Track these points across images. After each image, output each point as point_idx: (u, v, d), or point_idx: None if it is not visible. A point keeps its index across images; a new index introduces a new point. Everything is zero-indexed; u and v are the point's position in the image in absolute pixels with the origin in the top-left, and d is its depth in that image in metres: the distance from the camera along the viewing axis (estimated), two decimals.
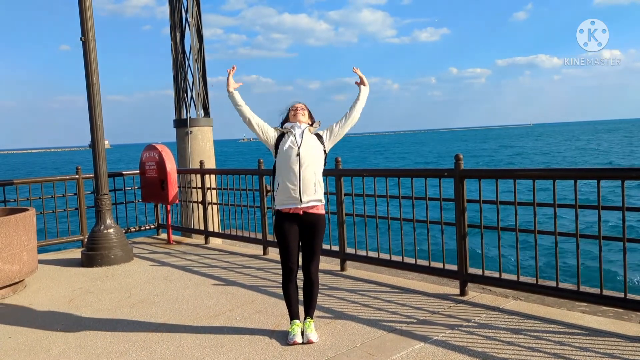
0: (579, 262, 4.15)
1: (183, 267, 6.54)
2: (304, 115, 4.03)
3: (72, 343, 4.13)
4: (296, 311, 4.05)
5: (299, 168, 3.83)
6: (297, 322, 4.00)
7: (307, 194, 3.85)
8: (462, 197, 4.77)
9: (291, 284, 4.01)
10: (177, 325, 4.40)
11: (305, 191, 3.84)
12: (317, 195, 3.89)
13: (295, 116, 4.01)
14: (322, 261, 6.35)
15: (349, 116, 4.07)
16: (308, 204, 3.87)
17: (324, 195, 4.00)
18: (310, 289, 4.01)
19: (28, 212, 5.77)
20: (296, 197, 3.84)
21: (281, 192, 3.90)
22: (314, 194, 3.87)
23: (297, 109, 4.05)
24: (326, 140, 4.02)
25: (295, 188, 3.83)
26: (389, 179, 5.47)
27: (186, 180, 8.57)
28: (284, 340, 3.93)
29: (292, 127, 3.97)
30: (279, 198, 3.94)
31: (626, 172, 3.95)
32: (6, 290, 5.55)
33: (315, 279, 4.03)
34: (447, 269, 5.02)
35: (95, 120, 6.91)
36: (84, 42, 6.79)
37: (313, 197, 3.88)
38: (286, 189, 3.86)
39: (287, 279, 4.00)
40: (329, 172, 5.98)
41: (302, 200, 3.85)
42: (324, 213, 4.01)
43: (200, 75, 9.57)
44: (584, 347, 3.55)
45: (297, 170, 3.83)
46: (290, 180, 3.84)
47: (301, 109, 4.05)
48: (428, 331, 3.97)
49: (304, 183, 3.83)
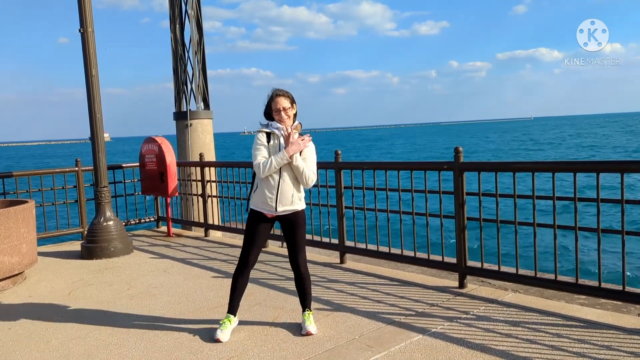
0: (578, 255, 4.15)
1: (183, 260, 6.55)
2: (289, 119, 3.82)
3: (72, 335, 4.14)
4: (235, 306, 3.95)
5: (278, 179, 3.76)
6: (231, 317, 3.93)
7: (282, 204, 3.78)
8: (461, 190, 4.76)
9: (241, 277, 3.91)
10: (176, 318, 4.41)
11: (281, 202, 3.77)
12: (293, 206, 3.81)
13: (281, 120, 3.80)
14: (321, 254, 6.38)
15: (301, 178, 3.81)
16: (283, 212, 3.82)
17: (304, 201, 3.91)
18: (302, 284, 3.97)
19: (27, 204, 5.77)
20: (272, 205, 3.78)
21: (258, 196, 3.82)
22: (290, 204, 3.80)
23: (281, 111, 3.78)
24: (303, 154, 3.82)
25: (272, 197, 3.76)
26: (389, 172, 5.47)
27: (186, 173, 8.57)
28: (283, 333, 3.94)
29: (278, 129, 3.79)
30: (255, 200, 3.85)
31: (626, 165, 3.95)
32: (6, 282, 5.56)
33: (305, 272, 3.95)
34: (446, 262, 5.03)
35: (95, 113, 6.89)
36: (83, 33, 6.76)
37: (289, 208, 3.81)
38: (263, 195, 3.79)
39: (240, 271, 3.90)
40: (328, 165, 5.99)
41: (278, 210, 3.79)
42: (302, 209, 3.90)
43: (200, 68, 9.55)
44: (582, 339, 3.56)
45: (276, 180, 3.75)
46: (269, 189, 3.77)
47: (285, 110, 3.78)
48: (426, 323, 3.98)
49: (281, 194, 3.76)
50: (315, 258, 6.21)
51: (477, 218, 4.71)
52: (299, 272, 3.95)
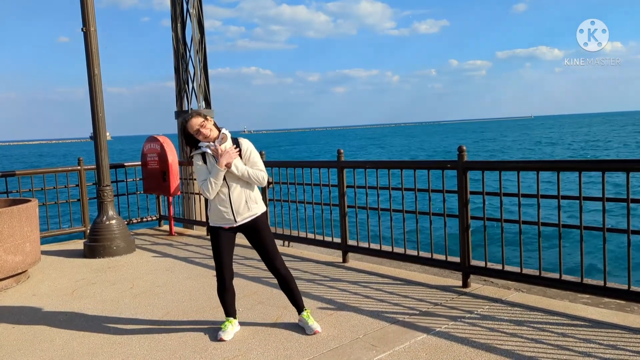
0: (583, 254, 4.14)
1: (185, 259, 6.54)
2: (210, 130, 3.72)
3: (76, 333, 4.14)
4: (232, 312, 3.97)
5: (227, 192, 3.73)
6: (231, 319, 3.94)
7: (240, 213, 3.76)
8: (465, 189, 4.75)
9: (227, 293, 3.90)
10: (180, 316, 4.41)
11: (237, 212, 3.75)
12: (251, 212, 3.79)
13: (205, 137, 3.70)
14: (323, 253, 6.37)
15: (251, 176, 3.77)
16: (243, 221, 3.80)
17: (261, 202, 3.88)
18: (287, 285, 3.94)
19: (30, 203, 5.76)
20: (230, 218, 3.76)
21: (214, 214, 3.80)
22: (247, 211, 3.77)
23: (199, 129, 3.68)
24: (244, 158, 3.78)
25: (228, 210, 3.74)
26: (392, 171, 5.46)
27: (188, 172, 8.56)
28: (287, 332, 3.94)
29: (207, 147, 3.71)
30: (213, 218, 3.84)
31: (631, 164, 3.93)
32: (9, 281, 5.56)
33: (286, 273, 3.91)
34: (450, 261, 5.02)
35: (97, 112, 6.89)
36: (85, 32, 6.75)
37: (247, 214, 3.78)
38: (218, 211, 3.77)
39: (222, 286, 3.88)
40: (330, 164, 5.98)
41: (237, 220, 3.77)
42: (263, 212, 3.87)
43: (202, 67, 9.53)
44: (587, 338, 3.55)
45: (226, 193, 3.73)
46: (221, 203, 3.75)
47: (201, 126, 3.69)
48: (431, 323, 3.97)
49: (235, 204, 3.74)
50: (317, 257, 6.21)
51: (481, 217, 4.70)
52: (280, 275, 3.91)
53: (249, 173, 3.75)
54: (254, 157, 3.82)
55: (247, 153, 3.80)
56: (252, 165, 3.79)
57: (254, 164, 3.80)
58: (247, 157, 3.80)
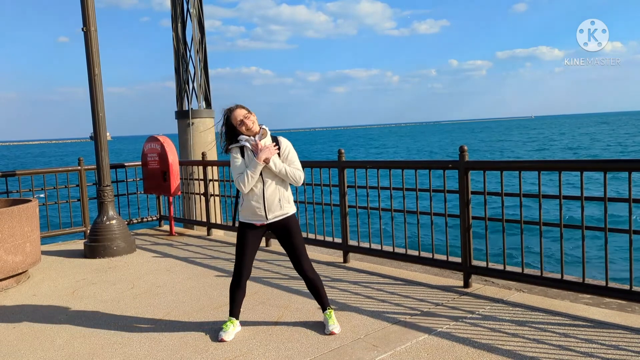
0: (584, 254, 4.13)
1: (186, 259, 6.53)
2: (253, 123, 3.74)
3: (76, 333, 4.13)
4: (236, 312, 3.95)
5: (262, 187, 3.73)
6: (233, 320, 3.93)
7: (272, 211, 3.76)
8: (466, 189, 4.75)
9: (239, 289, 3.88)
10: (180, 317, 4.40)
11: (270, 209, 3.75)
12: (283, 210, 3.79)
13: (248, 128, 3.71)
14: (324, 253, 6.36)
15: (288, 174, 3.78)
16: (275, 219, 3.80)
17: (293, 203, 3.89)
18: (314, 287, 3.95)
19: (31, 203, 5.76)
20: (262, 214, 3.76)
21: (246, 209, 3.80)
22: (279, 209, 3.77)
23: (243, 119, 3.71)
24: (282, 156, 3.80)
25: (260, 207, 3.74)
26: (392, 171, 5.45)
27: (188, 172, 8.56)
28: (288, 332, 3.93)
29: (247, 141, 3.72)
30: (244, 214, 3.83)
31: (633, 164, 3.92)
32: (10, 281, 5.55)
33: (314, 276, 3.92)
34: (451, 261, 5.01)
35: (97, 112, 6.88)
36: (86, 32, 6.74)
37: (279, 213, 3.78)
38: (250, 207, 3.77)
39: (236, 283, 3.86)
40: (331, 164, 5.97)
41: (268, 218, 3.77)
42: (293, 213, 3.88)
43: (202, 67, 9.53)
44: (589, 339, 3.54)
45: (260, 189, 3.73)
46: (255, 199, 3.74)
47: (245, 117, 3.71)
48: (432, 323, 3.96)
49: (268, 201, 3.74)
50: (318, 257, 6.20)
51: (482, 217, 4.69)
52: (308, 278, 3.91)
53: (287, 170, 3.76)
54: (292, 156, 3.84)
55: (286, 152, 3.82)
56: (290, 164, 3.81)
57: (291, 162, 3.82)
58: (285, 155, 3.81)
